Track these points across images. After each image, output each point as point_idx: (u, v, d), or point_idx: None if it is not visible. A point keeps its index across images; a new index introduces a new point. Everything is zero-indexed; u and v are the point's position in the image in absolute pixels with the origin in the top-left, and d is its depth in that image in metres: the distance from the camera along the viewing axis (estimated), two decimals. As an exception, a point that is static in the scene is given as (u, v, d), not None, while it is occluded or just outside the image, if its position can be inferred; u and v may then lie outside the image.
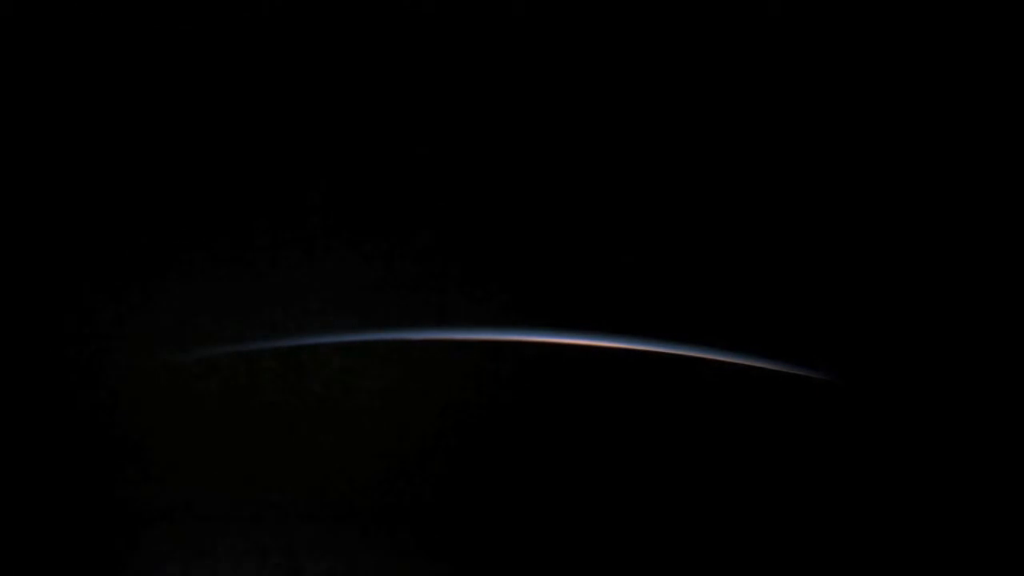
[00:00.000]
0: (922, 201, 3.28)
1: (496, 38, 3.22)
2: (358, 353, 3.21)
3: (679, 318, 3.24)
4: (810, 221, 3.28)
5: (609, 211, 3.28)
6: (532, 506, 3.21)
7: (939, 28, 3.28)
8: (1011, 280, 3.25)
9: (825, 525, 3.19)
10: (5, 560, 3.14)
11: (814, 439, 3.22)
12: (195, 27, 3.20)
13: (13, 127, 3.23)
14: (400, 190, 3.27)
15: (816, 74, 3.29)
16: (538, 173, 3.29)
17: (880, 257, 3.28)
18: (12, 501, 3.18)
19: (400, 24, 3.22)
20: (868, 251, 3.28)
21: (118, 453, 3.20)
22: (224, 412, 3.20)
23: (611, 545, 3.20)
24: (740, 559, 3.19)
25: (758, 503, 3.21)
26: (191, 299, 3.23)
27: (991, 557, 3.16)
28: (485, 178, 3.28)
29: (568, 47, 3.27)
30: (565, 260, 3.26)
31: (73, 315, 3.21)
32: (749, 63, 3.28)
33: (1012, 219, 3.27)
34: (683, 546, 3.19)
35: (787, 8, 3.27)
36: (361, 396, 3.22)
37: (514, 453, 3.22)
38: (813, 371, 3.23)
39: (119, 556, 3.18)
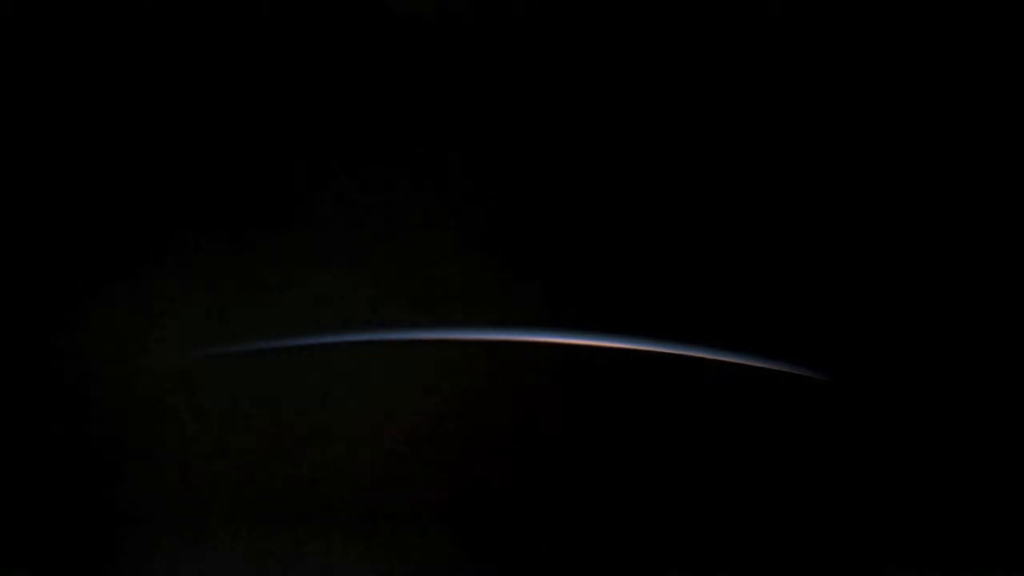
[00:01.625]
0: (921, 202, 3.29)
1: (518, 44, 3.23)
2: (361, 353, 3.21)
3: (679, 318, 3.24)
4: (810, 222, 3.28)
5: (608, 212, 3.28)
6: (532, 505, 3.21)
7: (939, 28, 3.28)
8: (1011, 282, 3.26)
9: (825, 524, 3.20)
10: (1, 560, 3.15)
11: (814, 439, 3.22)
12: (195, 27, 3.20)
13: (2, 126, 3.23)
14: (405, 190, 3.27)
15: (815, 74, 3.29)
16: (536, 174, 3.29)
17: (880, 257, 3.28)
18: (7, 501, 3.18)
19: (420, 25, 3.23)
20: (868, 251, 3.28)
21: (114, 453, 3.20)
22: (222, 412, 3.20)
23: (610, 543, 3.20)
24: (740, 558, 3.19)
25: (758, 502, 3.21)
26: (189, 299, 3.22)
27: (990, 556, 3.17)
28: (484, 179, 3.28)
29: (575, 53, 3.28)
30: (564, 261, 3.27)
31: (69, 315, 3.20)
32: (748, 63, 3.29)
33: (1009, 221, 3.28)
34: (683, 545, 3.20)
35: (787, 8, 3.28)
36: (362, 396, 3.22)
37: (513, 453, 3.23)
38: (813, 371, 3.23)
39: (115, 556, 3.18)
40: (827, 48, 3.29)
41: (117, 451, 3.20)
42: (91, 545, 3.18)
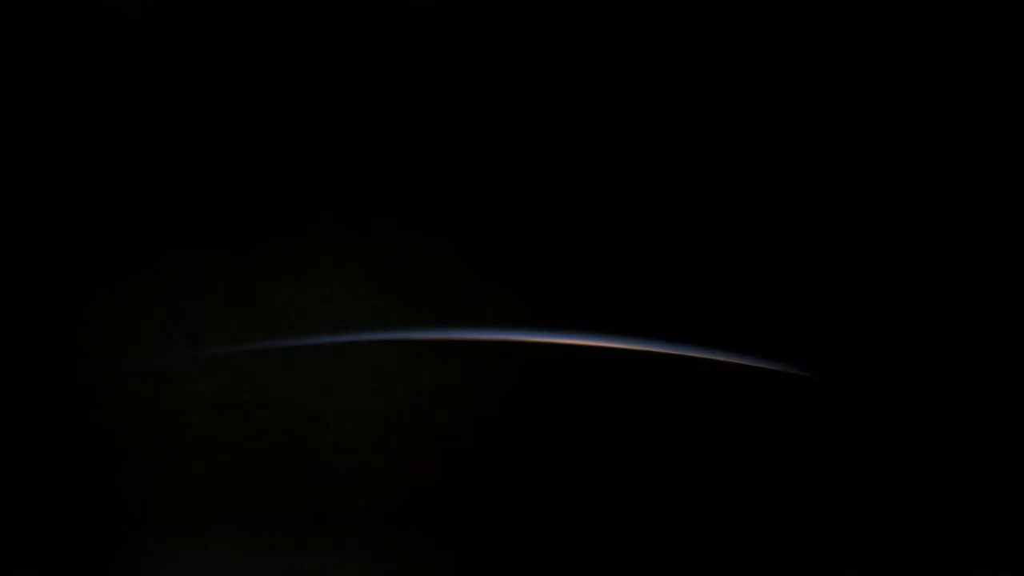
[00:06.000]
0: (913, 204, 3.30)
1: (510, 44, 3.22)
2: (359, 353, 3.22)
3: (676, 318, 3.25)
4: (805, 224, 3.29)
5: (609, 213, 3.29)
6: (530, 503, 3.23)
7: (939, 28, 3.29)
8: (1003, 283, 3.29)
9: (822, 521, 3.23)
10: (1, 559, 3.15)
11: (808, 437, 3.25)
12: (198, 30, 3.19)
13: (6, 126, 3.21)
14: (404, 191, 3.27)
15: (814, 75, 3.30)
16: (535, 176, 3.29)
17: (872, 259, 3.30)
18: (7, 501, 3.18)
19: (414, 27, 3.21)
20: (860, 253, 3.30)
21: (115, 453, 3.20)
22: (222, 412, 3.20)
23: (608, 541, 3.23)
24: (737, 555, 3.22)
25: (754, 499, 3.24)
26: (190, 299, 3.22)
27: (985, 555, 3.21)
28: (483, 180, 3.28)
29: (571, 53, 3.27)
30: (564, 262, 3.27)
31: (71, 316, 3.19)
32: (747, 63, 3.29)
33: (1002, 222, 3.30)
34: (681, 542, 3.22)
35: (787, 9, 3.28)
36: (362, 396, 3.22)
37: (512, 452, 3.24)
38: (808, 370, 3.25)
39: (115, 555, 3.18)
40: (826, 48, 3.29)
41: (116, 450, 3.20)
42: (91, 544, 3.19)
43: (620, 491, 3.25)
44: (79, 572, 3.16)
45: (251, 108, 3.24)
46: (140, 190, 3.24)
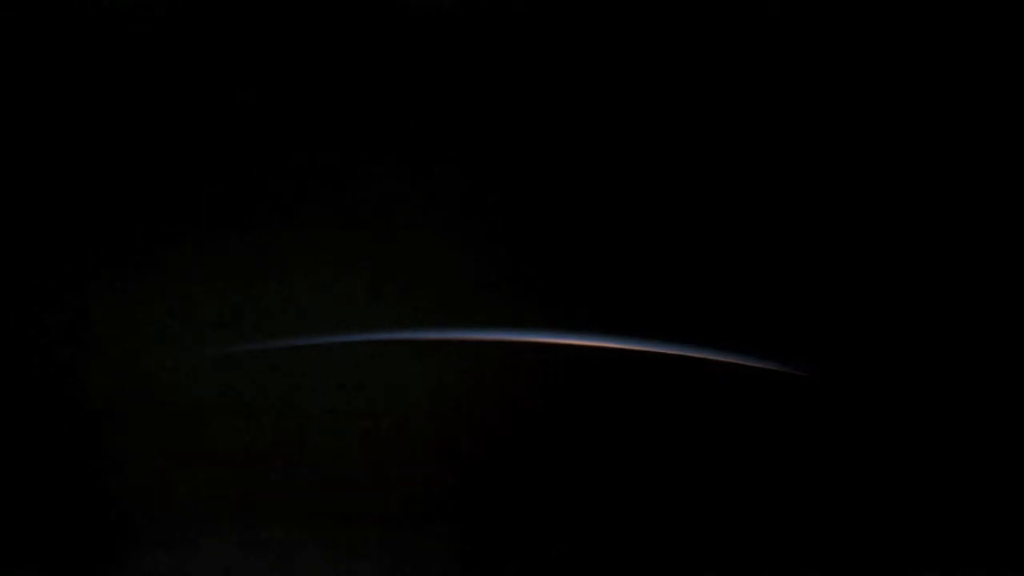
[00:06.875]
0: (918, 206, 3.31)
1: (516, 44, 3.22)
2: (359, 353, 3.22)
3: (677, 318, 3.26)
4: (807, 224, 3.30)
5: (608, 214, 3.29)
6: (531, 504, 3.23)
7: (939, 28, 3.30)
8: (998, 283, 3.30)
9: (821, 521, 3.23)
10: (2, 557, 3.15)
11: (810, 437, 3.26)
12: (197, 26, 3.19)
13: (7, 125, 3.21)
14: (406, 190, 3.27)
15: (814, 75, 3.30)
16: (535, 174, 3.29)
17: (869, 259, 3.31)
18: (9, 499, 3.17)
19: (420, 26, 3.22)
20: (858, 253, 3.31)
21: (116, 452, 3.20)
22: (223, 412, 3.20)
23: (608, 540, 3.23)
24: (738, 554, 3.23)
25: (754, 500, 3.24)
26: (191, 299, 3.22)
27: (981, 553, 3.22)
28: (484, 179, 3.28)
29: (568, 54, 3.28)
30: (564, 262, 3.27)
31: (71, 315, 3.19)
32: (746, 65, 3.30)
33: (998, 222, 3.31)
34: (682, 541, 3.23)
35: (787, 8, 3.28)
36: (363, 396, 3.22)
37: (512, 452, 3.24)
38: (809, 370, 3.26)
39: (116, 554, 3.18)
40: (826, 48, 3.30)
41: (117, 451, 3.20)
42: (90, 544, 3.19)
43: (620, 492, 3.25)
44: (79, 572, 3.16)
45: (251, 107, 3.24)
46: (139, 189, 3.24)
